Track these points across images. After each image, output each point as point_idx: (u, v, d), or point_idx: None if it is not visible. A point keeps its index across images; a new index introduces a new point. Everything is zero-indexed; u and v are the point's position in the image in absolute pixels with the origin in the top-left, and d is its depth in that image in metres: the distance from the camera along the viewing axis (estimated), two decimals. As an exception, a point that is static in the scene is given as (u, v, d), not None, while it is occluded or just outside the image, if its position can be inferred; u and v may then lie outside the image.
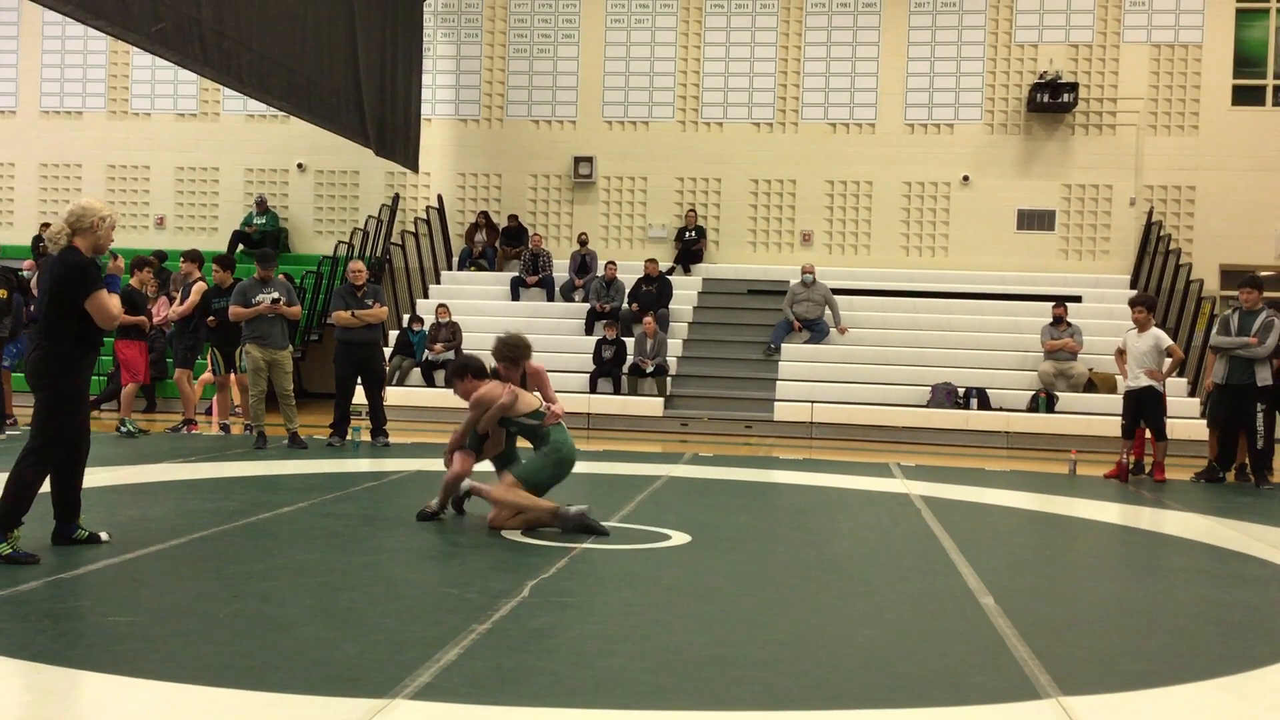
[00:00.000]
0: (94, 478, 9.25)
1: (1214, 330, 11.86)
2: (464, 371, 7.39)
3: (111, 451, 11.22)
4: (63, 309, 5.89)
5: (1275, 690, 4.50)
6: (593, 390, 16.56)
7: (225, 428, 13.17)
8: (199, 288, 13.11)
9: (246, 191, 20.85)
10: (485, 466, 7.62)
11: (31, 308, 13.80)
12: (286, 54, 14.07)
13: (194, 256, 13.64)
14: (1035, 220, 19.38)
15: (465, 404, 7.31)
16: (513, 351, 7.39)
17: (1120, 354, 11.98)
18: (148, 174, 21.20)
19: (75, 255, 5.91)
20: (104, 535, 6.31)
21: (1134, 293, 17.80)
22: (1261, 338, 11.27)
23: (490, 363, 7.51)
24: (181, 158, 21.09)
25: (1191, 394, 15.76)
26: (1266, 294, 11.69)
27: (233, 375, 13.05)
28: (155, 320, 13.97)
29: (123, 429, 12.29)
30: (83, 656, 4.25)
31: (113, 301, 5.95)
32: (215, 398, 13.78)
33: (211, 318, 12.69)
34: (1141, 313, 11.68)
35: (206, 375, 14.98)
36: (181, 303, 13.24)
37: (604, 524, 7.13)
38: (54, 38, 21.26)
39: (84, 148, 21.26)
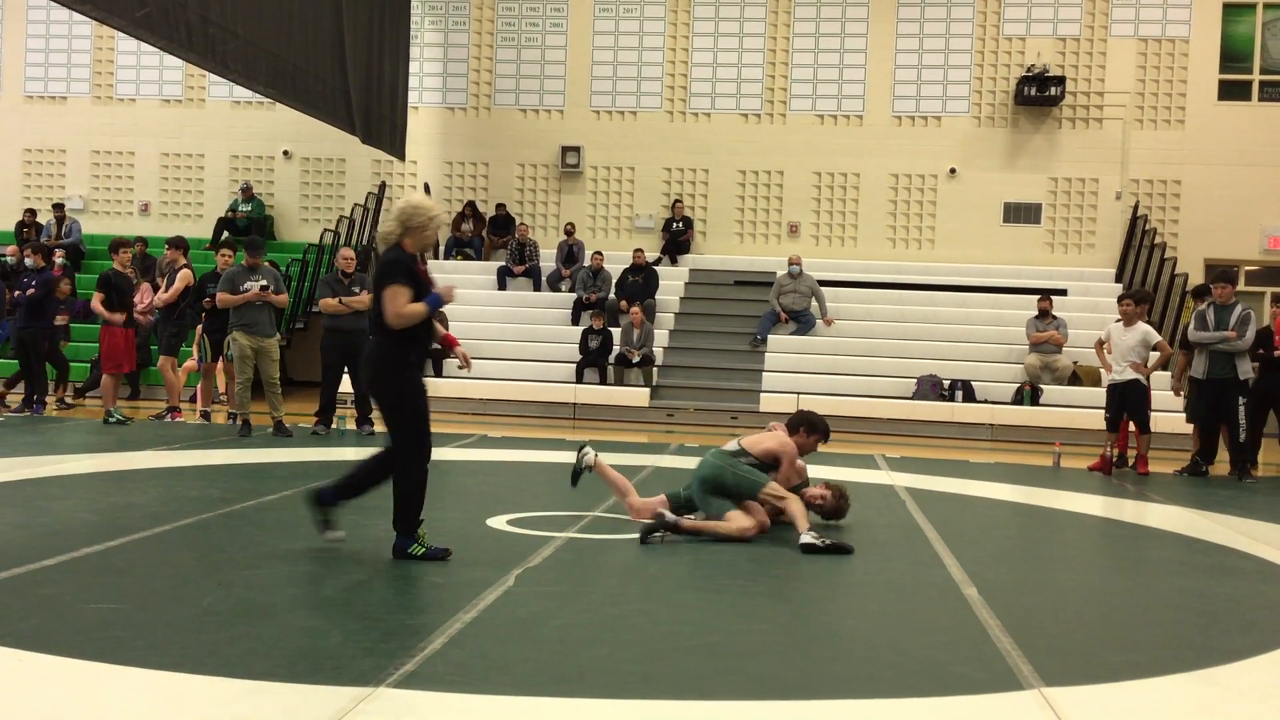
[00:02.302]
0: (79, 465, 9.26)
1: (1190, 326, 11.92)
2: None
3: (96, 439, 11.21)
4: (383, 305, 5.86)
5: (1255, 682, 4.53)
6: (579, 380, 16.56)
7: (206, 415, 13.13)
8: (184, 275, 13.05)
9: (232, 178, 20.75)
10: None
11: (16, 293, 13.74)
12: (272, 40, 14.00)
13: (179, 243, 13.56)
14: (1021, 213, 19.43)
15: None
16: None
17: (1100, 345, 12.02)
18: (132, 160, 21.08)
19: (395, 253, 5.88)
20: (339, 533, 6.15)
21: (1119, 286, 17.90)
22: (1240, 331, 11.33)
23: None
24: (166, 144, 20.98)
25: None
26: (1256, 288, 11.76)
27: (220, 363, 13.02)
28: (140, 308, 13.90)
29: (110, 419, 12.24)
30: (66, 644, 4.23)
31: (414, 308, 5.76)
32: (199, 385, 13.74)
33: (208, 299, 12.60)
34: (1129, 305, 11.74)
35: (190, 363, 14.93)
36: (166, 289, 13.18)
37: (593, 514, 7.21)
38: (38, 22, 21.11)
39: (68, 133, 21.12)
